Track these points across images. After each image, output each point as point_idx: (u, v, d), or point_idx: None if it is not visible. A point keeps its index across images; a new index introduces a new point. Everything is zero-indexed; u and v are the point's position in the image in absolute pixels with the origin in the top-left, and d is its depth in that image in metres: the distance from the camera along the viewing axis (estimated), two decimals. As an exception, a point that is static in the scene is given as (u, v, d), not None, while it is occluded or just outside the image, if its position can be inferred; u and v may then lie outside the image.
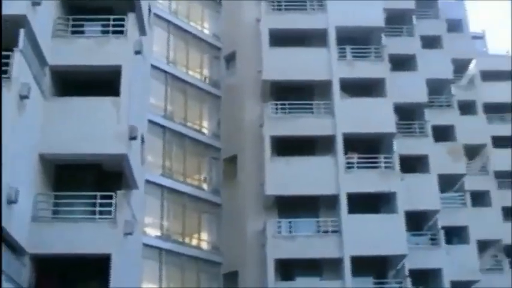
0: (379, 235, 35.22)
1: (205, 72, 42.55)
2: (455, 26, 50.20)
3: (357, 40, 39.90)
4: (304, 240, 35.23)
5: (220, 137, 40.92)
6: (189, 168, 39.10)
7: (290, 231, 35.89)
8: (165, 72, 38.79)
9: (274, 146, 36.64)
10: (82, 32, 26.07)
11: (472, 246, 42.39)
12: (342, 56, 39.06)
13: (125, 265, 24.27)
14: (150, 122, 34.85)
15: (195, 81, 40.96)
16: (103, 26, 26.42)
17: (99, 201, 23.89)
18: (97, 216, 23.75)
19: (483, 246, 44.38)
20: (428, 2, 47.07)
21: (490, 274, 44.91)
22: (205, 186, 39.96)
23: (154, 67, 36.67)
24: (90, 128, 23.84)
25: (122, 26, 25.74)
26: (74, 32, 25.49)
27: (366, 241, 34.98)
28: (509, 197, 50.00)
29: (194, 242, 38.48)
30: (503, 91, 54.29)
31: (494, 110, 53.14)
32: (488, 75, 53.71)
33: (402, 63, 41.89)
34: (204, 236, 39.19)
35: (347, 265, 34.53)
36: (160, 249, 34.81)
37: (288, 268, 35.31)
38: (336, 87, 38.00)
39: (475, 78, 52.39)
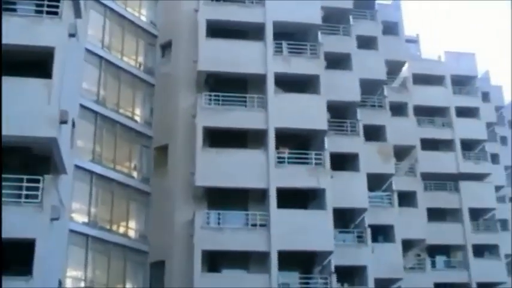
0: (306, 231, 35.45)
1: (140, 59, 42.09)
2: (391, 28, 50.85)
3: (293, 36, 40.08)
4: (232, 232, 35.17)
5: (152, 126, 40.58)
6: (119, 155, 38.68)
7: (218, 223, 35.74)
8: (100, 57, 38.22)
9: (206, 137, 36.51)
10: (14, 10, 25.55)
11: (397, 245, 42.99)
12: (278, 51, 39.08)
13: (50, 251, 23.88)
14: (82, 106, 34.43)
15: (129, 68, 40.50)
16: (37, 5, 25.96)
17: (25, 184, 23.49)
18: (23, 200, 23.34)
19: (407, 245, 45.14)
20: (366, 3, 47.52)
21: (413, 273, 46.01)
22: (135, 174, 39.61)
23: (88, 51, 36.16)
24: (19, 109, 23.39)
25: (57, 7, 25.32)
26: (6, 10, 24.87)
27: (293, 236, 35.16)
28: (435, 199, 51.21)
29: (122, 229, 38.09)
30: (434, 95, 55.53)
31: (425, 113, 54.33)
32: (420, 79, 54.85)
33: (337, 61, 42.21)
34: (132, 224, 38.85)
35: (274, 259, 34.61)
36: (86, 235, 34.33)
37: (215, 260, 35.24)
38: (270, 82, 38.03)
39: (407, 80, 53.26)
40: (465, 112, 56.61)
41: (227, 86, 38.11)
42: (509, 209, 61.32)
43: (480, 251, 52.84)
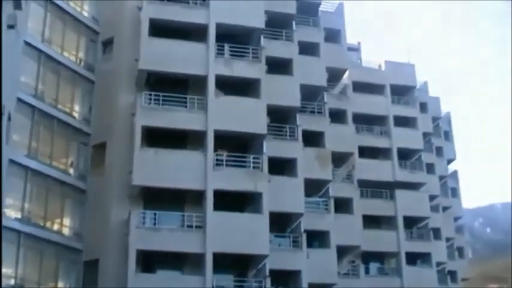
0: (242, 234, 35.64)
1: (81, 55, 41.53)
2: (333, 35, 51.30)
3: (236, 39, 40.11)
4: (168, 233, 35.05)
5: (91, 123, 40.09)
6: (56, 151, 38.08)
7: (154, 223, 35.63)
8: (39, 50, 37.54)
9: (144, 136, 36.29)
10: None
11: (332, 250, 43.40)
12: (220, 53, 39.10)
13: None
14: (19, 100, 33.91)
15: (69, 63, 39.91)
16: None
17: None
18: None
19: (342, 251, 45.55)
20: (309, 9, 47.86)
21: (346, 279, 46.48)
22: (71, 171, 39.06)
23: (27, 44, 35.69)
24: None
25: (-4, -3, 24.81)
26: None
27: (229, 239, 35.30)
28: (370, 206, 51.79)
29: (56, 227, 37.51)
30: (373, 103, 56.19)
31: (363, 120, 54.90)
32: (360, 87, 55.40)
33: (279, 66, 42.36)
34: (67, 221, 38.27)
35: (209, 261, 34.60)
36: (19, 232, 33.65)
37: (149, 260, 35.04)
38: (211, 84, 38.01)
39: (348, 88, 53.75)
40: (403, 121, 57.41)
41: (168, 86, 37.96)
42: (442, 218, 62.29)
43: (413, 258, 53.63)
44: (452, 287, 62.14)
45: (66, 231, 37.89)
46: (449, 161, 73.55)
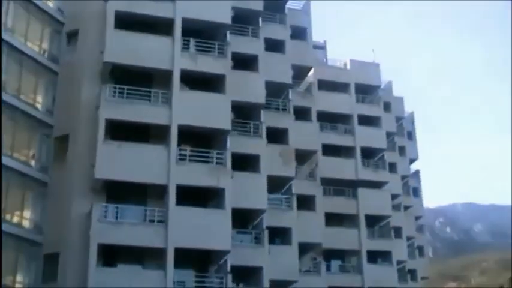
0: (204, 229, 35.60)
1: (45, 45, 41.13)
2: (299, 33, 51.35)
3: (202, 34, 39.99)
4: (129, 227, 34.89)
5: (54, 114, 39.73)
6: (18, 142, 37.71)
7: (116, 217, 35.38)
8: (1, 40, 37.10)
9: (108, 129, 36.05)
10: None
11: (294, 247, 43.43)
12: (186, 48, 38.98)
13: None
14: (-20, 90, 33.45)
15: (32, 54, 39.52)
16: None
17: None
18: None
19: (304, 248, 45.64)
20: (276, 6, 47.84)
21: (308, 276, 46.60)
22: (33, 163, 38.70)
23: (-10, 33, 35.25)
24: None
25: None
26: None
27: (191, 234, 35.27)
28: (333, 204, 52.01)
29: (16, 219, 37.18)
30: (338, 102, 56.43)
31: (328, 118, 55.09)
32: (325, 85, 55.63)
33: (244, 62, 42.37)
34: (27, 214, 37.94)
35: (170, 256, 34.54)
36: (-24, 224, 33.31)
37: (111, 254, 34.84)
38: (176, 78, 37.91)
39: (313, 86, 53.87)
40: (367, 120, 57.73)
41: (133, 79, 37.72)
42: (404, 217, 62.78)
43: (374, 256, 54.01)
44: (412, 286, 62.62)
45: (26, 223, 37.57)
46: (412, 161, 74.21)
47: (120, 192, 36.06)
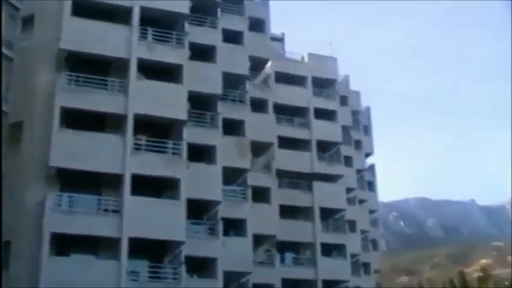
0: (159, 219, 35.48)
1: (-1, 31, 40.51)
2: (258, 25, 51.34)
3: (160, 23, 39.79)
4: (83, 216, 34.64)
5: (8, 101, 39.11)
6: (-31, 129, 37.09)
7: (70, 206, 35.11)
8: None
9: (63, 117, 35.67)
10: None
11: (248, 239, 43.56)
12: (144, 37, 38.72)
13: None
14: None
15: (-14, 39, 38.93)
16: None
17: None
18: None
19: (258, 240, 45.76)
20: (235, -3, 47.74)
21: (262, 267, 46.64)
22: (-15, 150, 38.05)
23: None
24: None
25: None
26: None
27: (145, 224, 35.12)
28: (288, 196, 52.13)
29: (-33, 207, 36.53)
30: (294, 94, 56.48)
31: (284, 111, 55.11)
32: (282, 78, 55.64)
33: (202, 53, 42.24)
34: (-21, 201, 37.28)
35: (124, 246, 34.33)
36: None
37: (64, 244, 34.49)
38: (133, 67, 37.65)
39: (270, 78, 53.88)
40: (323, 114, 57.87)
41: (89, 67, 37.34)
42: (358, 211, 63.21)
43: (328, 249, 54.28)
44: (365, 279, 63.10)
45: (-23, 211, 36.91)
46: (367, 155, 74.71)
47: (74, 181, 35.63)
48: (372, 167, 76.83)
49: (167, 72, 38.97)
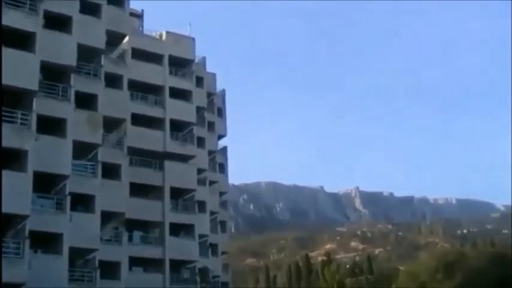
0: (3, 192, 34.14)
1: None
2: (117, -1, 50.34)
3: (14, -11, 38.30)
4: None
5: None
6: None
7: None
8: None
9: None
10: None
11: (96, 215, 42.94)
12: (-4, 2, 37.17)
13: None
14: None
15: None
16: None
17: None
18: None
19: (107, 217, 45.13)
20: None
21: (109, 245, 46.27)
22: None
23: None
24: None
25: None
26: None
27: (-13, 196, 33.80)
28: (139, 174, 51.75)
29: None
30: (150, 72, 56.04)
31: (139, 88, 54.56)
32: (139, 54, 54.98)
33: (58, 23, 41.11)
34: None
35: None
36: None
37: None
38: (-18, 33, 36.07)
39: (126, 54, 53.04)
40: (178, 94, 57.65)
41: None
42: (208, 192, 63.47)
43: (177, 229, 54.31)
44: (212, 260, 63.52)
45: None
46: (220, 137, 74.95)
47: None
48: (224, 149, 77.18)
49: (19, 40, 37.59)
